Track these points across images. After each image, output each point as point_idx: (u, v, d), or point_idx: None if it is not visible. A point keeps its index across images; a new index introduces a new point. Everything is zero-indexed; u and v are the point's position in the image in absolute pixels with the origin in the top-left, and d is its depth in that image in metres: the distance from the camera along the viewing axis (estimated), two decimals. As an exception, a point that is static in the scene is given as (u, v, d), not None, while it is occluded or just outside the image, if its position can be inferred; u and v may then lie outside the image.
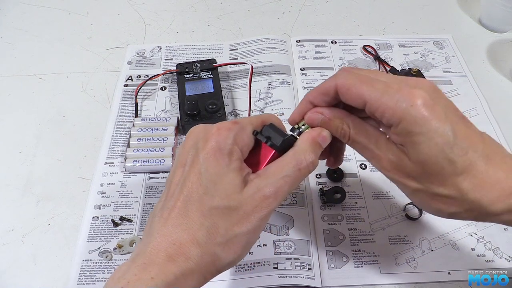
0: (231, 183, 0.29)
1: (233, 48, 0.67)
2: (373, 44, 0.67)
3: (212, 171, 0.29)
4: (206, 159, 0.29)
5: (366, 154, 0.33)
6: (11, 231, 0.47)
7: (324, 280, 0.43)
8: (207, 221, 0.28)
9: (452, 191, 0.29)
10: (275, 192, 0.29)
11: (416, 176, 0.30)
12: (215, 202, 0.28)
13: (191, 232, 0.28)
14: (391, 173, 0.31)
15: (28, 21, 0.72)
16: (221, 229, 0.28)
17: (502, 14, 0.68)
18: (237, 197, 0.28)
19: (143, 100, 0.59)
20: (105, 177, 0.51)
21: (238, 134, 0.30)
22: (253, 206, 0.29)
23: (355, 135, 0.32)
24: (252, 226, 0.29)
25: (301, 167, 0.30)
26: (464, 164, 0.28)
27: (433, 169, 0.28)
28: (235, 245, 0.29)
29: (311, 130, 0.33)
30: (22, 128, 0.57)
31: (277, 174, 0.30)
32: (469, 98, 0.60)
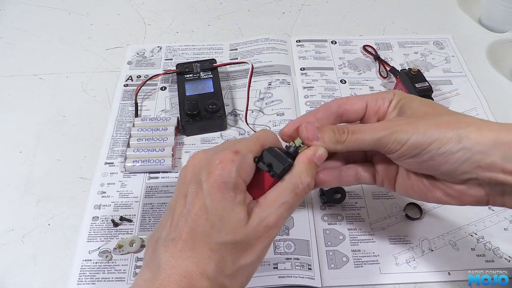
0: (237, 217, 0.29)
1: (233, 48, 0.67)
2: (373, 44, 0.67)
3: (218, 205, 0.29)
4: (212, 193, 0.29)
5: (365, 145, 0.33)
6: (11, 231, 0.47)
7: (324, 280, 0.43)
8: (214, 255, 0.28)
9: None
10: (277, 221, 0.30)
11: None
12: (222, 238, 0.28)
13: (200, 265, 0.28)
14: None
15: (28, 21, 0.72)
16: (229, 262, 0.29)
17: (502, 14, 0.68)
18: (242, 231, 0.29)
19: (143, 100, 0.59)
20: (105, 177, 0.51)
21: (240, 165, 0.30)
22: (257, 238, 0.29)
23: (354, 129, 0.33)
24: (256, 256, 0.30)
25: (297, 191, 0.31)
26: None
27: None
28: (241, 276, 0.30)
29: (306, 150, 0.33)
30: (22, 128, 0.57)
31: (276, 201, 0.30)
32: (469, 98, 0.60)
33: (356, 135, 0.33)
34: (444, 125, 0.30)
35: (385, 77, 0.62)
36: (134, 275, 0.43)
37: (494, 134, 0.30)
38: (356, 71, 0.64)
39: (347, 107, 0.36)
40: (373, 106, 0.35)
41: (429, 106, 0.33)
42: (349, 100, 0.36)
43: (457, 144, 0.30)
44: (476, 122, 0.31)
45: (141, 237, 0.45)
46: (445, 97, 0.60)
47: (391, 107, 0.35)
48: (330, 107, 0.36)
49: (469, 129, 0.30)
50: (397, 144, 0.31)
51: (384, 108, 0.35)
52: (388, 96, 0.35)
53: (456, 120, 0.31)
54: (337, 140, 0.33)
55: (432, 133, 0.30)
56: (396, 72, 0.60)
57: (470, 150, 0.29)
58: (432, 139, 0.30)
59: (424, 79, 0.56)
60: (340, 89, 0.61)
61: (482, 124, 0.31)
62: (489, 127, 0.30)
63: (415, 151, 0.31)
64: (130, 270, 0.44)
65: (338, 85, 0.61)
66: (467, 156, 0.30)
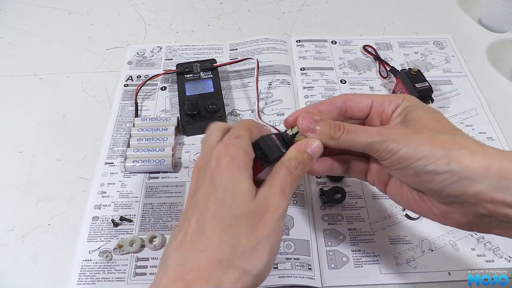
0: (247, 189, 0.29)
1: (233, 48, 0.67)
2: (373, 44, 0.67)
3: (227, 181, 0.29)
4: (219, 173, 0.29)
5: (359, 145, 0.33)
6: (11, 231, 0.47)
7: (324, 280, 0.43)
8: (227, 235, 0.28)
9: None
10: (282, 190, 0.30)
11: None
12: (233, 211, 0.28)
13: (210, 251, 0.27)
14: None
15: (28, 21, 0.72)
16: (243, 238, 0.28)
17: (502, 14, 0.68)
18: (253, 202, 0.29)
19: (143, 100, 0.59)
20: (105, 177, 0.51)
21: (244, 146, 0.31)
22: (267, 207, 0.29)
23: (350, 128, 0.33)
24: (271, 228, 0.29)
25: (291, 171, 0.32)
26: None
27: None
28: (259, 253, 0.28)
29: (299, 142, 0.34)
30: (22, 128, 0.57)
31: (276, 177, 0.31)
32: (469, 98, 0.60)
33: (350, 135, 0.33)
34: (438, 143, 0.30)
35: (385, 77, 0.62)
36: (134, 275, 0.43)
37: (487, 161, 0.28)
38: (356, 71, 0.64)
39: (352, 104, 0.36)
40: (378, 108, 0.35)
41: (434, 120, 0.32)
42: (355, 97, 0.36)
43: (445, 165, 0.29)
44: (471, 145, 0.29)
45: (141, 237, 0.45)
46: (445, 97, 0.60)
47: (396, 113, 0.34)
48: (335, 102, 0.36)
49: (461, 152, 0.29)
50: (387, 152, 0.31)
51: (388, 112, 0.35)
52: (395, 100, 0.35)
53: (451, 140, 0.30)
54: (331, 136, 0.33)
55: (423, 149, 0.29)
56: (396, 72, 0.60)
57: (458, 174, 0.28)
58: (421, 155, 0.29)
59: (424, 79, 0.56)
60: (340, 89, 0.61)
61: (477, 148, 0.29)
62: (483, 153, 0.29)
63: (403, 164, 0.30)
64: (130, 270, 0.44)
65: (338, 85, 0.61)
66: (454, 179, 0.29)
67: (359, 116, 0.36)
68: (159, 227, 0.47)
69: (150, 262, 0.44)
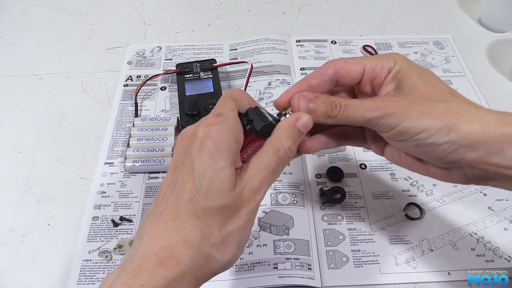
0: (226, 180, 0.28)
1: (233, 48, 0.67)
2: (373, 44, 0.67)
3: (206, 168, 0.28)
4: (200, 156, 0.28)
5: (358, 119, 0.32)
6: (11, 231, 0.47)
7: (324, 280, 0.43)
8: (200, 222, 0.27)
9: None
10: (260, 184, 0.29)
11: None
12: (209, 202, 0.27)
13: (183, 234, 0.27)
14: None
15: (28, 21, 0.72)
16: (215, 229, 0.28)
17: (502, 14, 0.68)
18: (230, 194, 0.28)
19: (143, 100, 0.59)
20: (105, 177, 0.51)
21: (226, 125, 0.29)
22: (242, 201, 0.29)
23: (346, 104, 0.32)
24: (243, 222, 0.29)
25: (279, 154, 0.30)
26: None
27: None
28: (229, 244, 0.28)
29: (289, 116, 0.32)
30: (22, 128, 0.57)
31: (259, 164, 0.30)
32: (469, 98, 0.60)
33: (348, 111, 0.32)
34: (436, 114, 0.30)
35: (385, 77, 0.62)
36: (134, 275, 0.43)
37: (484, 127, 0.30)
38: (356, 71, 0.64)
39: (343, 73, 0.35)
40: (370, 74, 0.34)
41: (429, 85, 0.32)
42: (346, 65, 0.35)
43: (444, 136, 0.30)
44: (468, 111, 0.31)
45: (141, 237, 0.45)
46: (445, 97, 0.60)
47: (389, 78, 0.33)
48: (325, 74, 0.34)
49: (459, 120, 0.30)
50: (386, 127, 0.31)
51: (381, 77, 0.34)
52: (387, 64, 0.34)
53: (449, 109, 0.31)
54: (328, 114, 0.32)
55: (423, 122, 0.30)
56: (396, 72, 0.60)
57: (457, 143, 0.30)
58: (421, 128, 0.30)
59: (424, 79, 0.56)
60: (340, 89, 0.61)
61: (474, 114, 0.30)
62: (480, 120, 0.30)
63: (403, 137, 0.31)
64: (130, 270, 0.44)
65: (338, 85, 0.61)
66: (453, 148, 0.30)
67: (350, 84, 0.35)
68: (159, 227, 0.47)
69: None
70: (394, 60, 0.34)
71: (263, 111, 0.32)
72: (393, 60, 0.34)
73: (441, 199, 0.49)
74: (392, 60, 0.34)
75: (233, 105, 0.30)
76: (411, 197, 0.49)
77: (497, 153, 0.29)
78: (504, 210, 0.48)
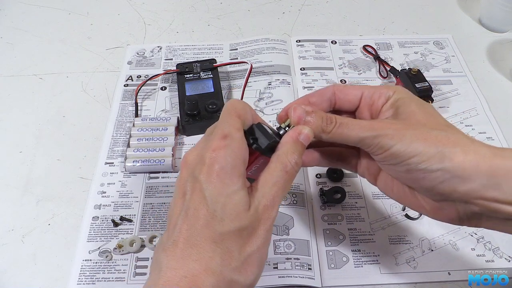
0: (240, 202, 0.28)
1: (233, 48, 0.67)
2: (373, 44, 0.67)
3: (218, 193, 0.27)
4: (210, 183, 0.28)
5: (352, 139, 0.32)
6: (11, 231, 0.47)
7: (324, 280, 0.43)
8: (219, 248, 0.27)
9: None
10: (273, 200, 0.29)
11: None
12: (226, 227, 0.27)
13: (203, 262, 0.27)
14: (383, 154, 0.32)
15: (28, 21, 0.72)
16: (235, 253, 0.27)
17: (502, 14, 0.68)
18: (246, 215, 0.28)
19: (143, 100, 0.59)
20: (105, 177, 0.51)
21: (234, 148, 0.29)
22: (259, 220, 0.29)
23: (342, 122, 0.32)
24: (262, 241, 0.29)
25: (287, 170, 0.30)
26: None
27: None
28: (250, 265, 0.28)
29: (291, 130, 0.32)
30: (22, 128, 0.57)
31: (269, 181, 0.30)
32: (469, 98, 0.60)
33: (342, 129, 0.32)
34: (431, 140, 0.29)
35: (385, 77, 0.62)
36: (134, 275, 0.43)
37: (478, 159, 0.28)
38: (356, 71, 0.64)
39: (341, 95, 0.35)
40: (368, 100, 0.34)
41: (426, 114, 0.32)
42: (345, 88, 0.35)
43: (438, 163, 0.29)
44: (464, 143, 0.30)
45: (141, 237, 0.45)
46: (445, 97, 0.60)
47: (387, 106, 0.34)
48: (324, 93, 0.35)
49: (454, 150, 0.29)
50: (379, 148, 0.31)
51: (378, 104, 0.34)
52: (386, 93, 0.34)
53: (444, 137, 0.30)
54: (323, 129, 0.32)
55: (416, 147, 0.29)
56: (396, 72, 0.60)
57: (450, 172, 0.29)
58: (414, 152, 0.29)
59: (424, 79, 0.56)
60: (340, 89, 0.61)
61: (469, 146, 0.29)
62: (475, 151, 0.29)
63: (396, 160, 0.30)
64: (130, 270, 0.44)
65: (338, 85, 0.61)
66: (445, 177, 0.29)
67: (349, 108, 0.36)
68: (159, 227, 0.47)
69: (150, 262, 0.44)
70: (393, 89, 0.34)
71: (266, 127, 0.32)
72: (393, 90, 0.34)
73: (441, 199, 0.49)
74: (392, 90, 0.34)
75: (239, 124, 0.30)
76: (411, 197, 0.49)
77: (494, 186, 0.28)
78: (504, 210, 0.48)
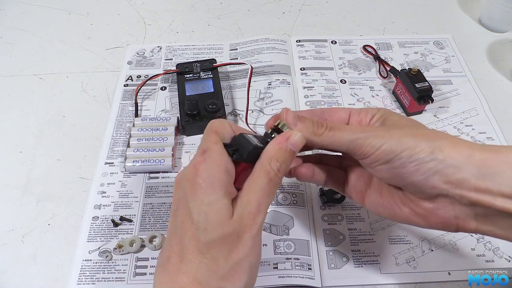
0: (222, 210, 0.28)
1: (233, 48, 0.67)
2: (373, 44, 0.67)
3: (201, 204, 0.28)
4: (193, 195, 0.28)
5: (344, 146, 0.33)
6: (11, 231, 0.47)
7: (324, 280, 0.43)
8: (205, 258, 0.28)
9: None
10: (258, 206, 0.29)
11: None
12: (209, 235, 0.28)
13: (190, 273, 0.27)
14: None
15: (28, 21, 0.72)
16: (221, 261, 0.28)
17: (502, 14, 0.68)
18: (229, 222, 0.28)
19: (143, 100, 0.59)
20: (105, 177, 0.51)
21: (212, 160, 0.29)
22: (244, 227, 0.29)
23: (332, 126, 0.33)
24: (248, 248, 0.29)
25: (270, 177, 0.30)
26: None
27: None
28: (238, 273, 0.28)
29: (278, 136, 0.32)
30: (22, 128, 0.57)
31: (253, 188, 0.30)
32: (469, 98, 0.60)
33: (333, 131, 0.32)
34: (420, 136, 0.31)
35: (385, 77, 0.62)
36: (134, 275, 0.43)
37: (468, 150, 0.29)
38: (356, 71, 0.64)
39: (331, 113, 0.37)
40: (356, 117, 0.36)
41: (410, 121, 0.34)
42: (332, 109, 0.38)
43: (429, 154, 0.29)
44: (451, 137, 0.31)
45: (141, 237, 0.45)
46: (445, 97, 0.60)
47: (373, 121, 0.35)
48: (314, 112, 0.37)
49: (443, 142, 0.30)
50: (371, 148, 0.31)
51: (366, 120, 0.36)
52: (372, 111, 0.36)
53: (432, 133, 0.31)
54: (314, 132, 0.32)
55: (406, 141, 0.30)
56: (396, 72, 0.60)
57: (442, 162, 0.29)
58: (405, 146, 0.30)
59: (424, 79, 0.56)
60: (340, 89, 0.61)
61: (457, 140, 0.31)
62: (464, 144, 0.30)
63: (388, 157, 0.31)
64: (130, 270, 0.44)
65: (338, 85, 0.61)
66: (438, 168, 0.29)
67: None
68: (159, 227, 0.47)
69: (150, 262, 0.44)
70: (377, 109, 0.36)
71: (248, 137, 0.32)
72: (377, 109, 0.36)
73: (441, 199, 0.49)
74: (376, 109, 0.36)
75: (215, 138, 0.31)
76: (411, 197, 0.49)
77: (486, 177, 0.28)
78: (504, 210, 0.48)
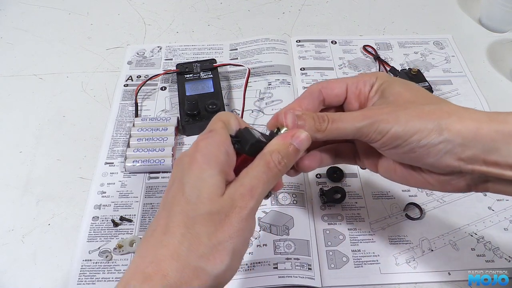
0: (214, 185, 0.28)
1: (233, 48, 0.67)
2: (373, 44, 0.67)
3: (195, 177, 0.28)
4: (189, 170, 0.28)
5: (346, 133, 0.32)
6: (11, 231, 0.47)
7: (324, 280, 0.43)
8: (189, 233, 0.27)
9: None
10: (250, 190, 0.28)
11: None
12: (197, 210, 0.27)
13: (171, 247, 0.26)
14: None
15: (28, 21, 0.72)
16: (204, 238, 0.27)
17: (502, 14, 0.68)
18: (218, 200, 0.28)
19: (143, 100, 0.59)
20: (105, 177, 0.51)
21: (215, 139, 0.29)
22: (232, 207, 0.28)
23: (334, 118, 0.32)
24: (235, 229, 0.27)
25: (270, 166, 0.30)
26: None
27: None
28: (220, 254, 0.27)
29: (282, 134, 0.32)
30: (22, 128, 0.57)
31: (249, 174, 0.29)
32: (469, 98, 0.60)
33: (336, 123, 0.32)
34: (426, 115, 0.30)
35: (385, 77, 0.62)
36: (134, 275, 0.43)
37: (476, 125, 0.29)
38: (356, 71, 0.64)
39: (328, 91, 0.35)
40: (354, 90, 0.35)
41: (412, 92, 0.33)
42: (329, 83, 0.35)
43: (438, 136, 0.29)
44: (458, 111, 0.30)
45: (141, 237, 0.45)
46: (445, 97, 0.60)
47: (373, 92, 0.34)
48: (313, 93, 0.35)
49: (450, 119, 0.29)
50: (378, 134, 0.31)
51: (365, 92, 0.34)
52: (369, 80, 0.34)
53: (438, 109, 0.30)
54: (317, 128, 0.32)
55: (414, 124, 0.30)
56: (396, 72, 0.60)
57: (451, 142, 0.29)
58: (413, 130, 0.30)
59: (424, 79, 0.56)
60: (340, 89, 0.61)
61: (464, 113, 0.30)
62: (471, 117, 0.30)
63: (396, 142, 0.30)
64: (130, 270, 0.44)
65: (338, 85, 0.61)
66: (448, 148, 0.29)
67: (337, 102, 0.36)
68: (159, 227, 0.47)
69: (150, 262, 0.44)
70: (375, 75, 0.34)
71: (253, 131, 0.32)
72: (375, 76, 0.34)
73: (441, 199, 0.49)
74: (374, 76, 0.34)
75: (222, 124, 0.31)
76: (411, 197, 0.49)
77: (494, 150, 0.29)
78: (504, 210, 0.48)
